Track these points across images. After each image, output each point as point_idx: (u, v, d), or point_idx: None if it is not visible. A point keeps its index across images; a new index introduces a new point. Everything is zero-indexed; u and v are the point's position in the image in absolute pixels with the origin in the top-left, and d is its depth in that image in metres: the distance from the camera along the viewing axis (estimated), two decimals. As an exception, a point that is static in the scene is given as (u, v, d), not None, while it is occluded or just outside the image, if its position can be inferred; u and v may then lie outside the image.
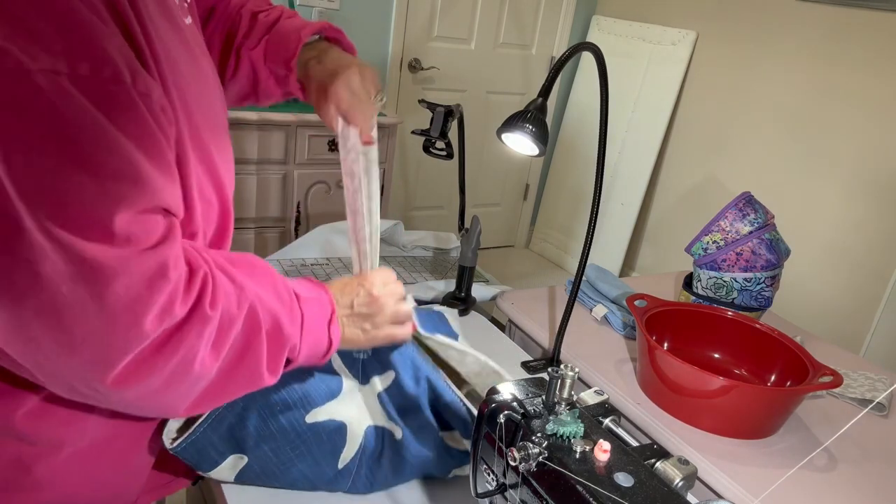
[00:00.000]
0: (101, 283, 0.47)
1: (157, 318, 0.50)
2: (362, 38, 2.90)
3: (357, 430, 0.75)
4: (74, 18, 0.44)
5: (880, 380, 1.17)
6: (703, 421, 0.97)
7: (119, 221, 0.47)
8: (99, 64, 0.45)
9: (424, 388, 0.77)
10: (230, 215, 0.69)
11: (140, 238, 0.49)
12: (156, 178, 0.50)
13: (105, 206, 0.46)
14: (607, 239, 3.35)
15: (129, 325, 0.49)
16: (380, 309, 0.74)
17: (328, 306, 0.70)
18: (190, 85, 0.58)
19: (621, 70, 3.22)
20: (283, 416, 0.72)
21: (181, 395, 0.57)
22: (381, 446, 0.76)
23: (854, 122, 2.47)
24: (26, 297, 0.45)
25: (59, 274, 0.45)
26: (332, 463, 0.74)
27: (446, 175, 3.39)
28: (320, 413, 0.74)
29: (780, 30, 2.69)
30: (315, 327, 0.67)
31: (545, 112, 0.95)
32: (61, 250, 0.45)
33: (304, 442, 0.73)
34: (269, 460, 0.73)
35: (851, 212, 2.50)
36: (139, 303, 0.49)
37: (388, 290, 0.75)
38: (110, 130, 0.46)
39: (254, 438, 0.72)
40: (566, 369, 0.63)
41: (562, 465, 0.56)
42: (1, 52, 0.42)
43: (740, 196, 1.27)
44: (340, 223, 1.45)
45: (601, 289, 1.31)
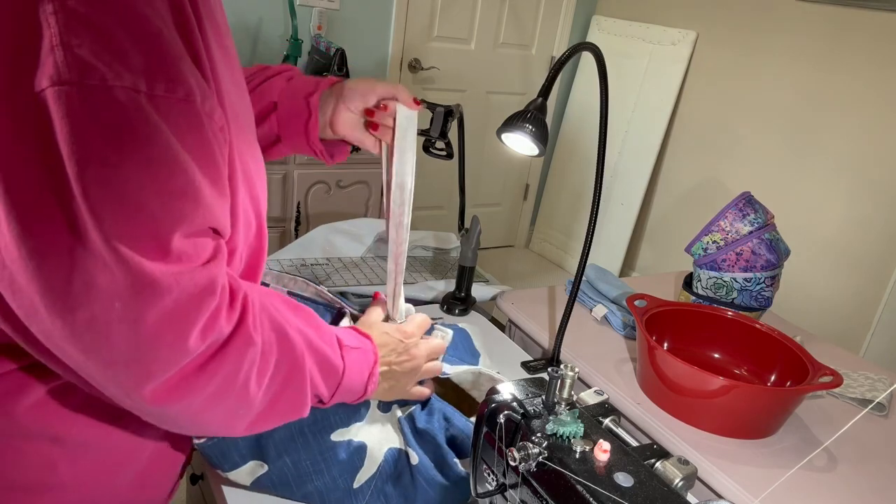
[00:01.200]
0: (152, 299, 0.47)
1: (201, 335, 0.51)
2: (362, 38, 2.90)
3: (377, 454, 0.76)
4: (158, 39, 0.46)
5: (880, 380, 1.17)
6: (703, 421, 0.97)
7: (176, 239, 0.48)
8: (174, 84, 0.47)
9: (439, 418, 0.79)
10: (265, 235, 0.69)
11: (191, 256, 0.50)
12: (212, 198, 0.51)
13: (166, 223, 0.47)
14: (607, 239, 3.35)
15: (174, 341, 0.49)
16: (415, 368, 0.77)
17: (371, 356, 0.71)
18: (234, 102, 0.59)
19: (621, 70, 3.22)
20: (310, 433, 0.74)
21: (221, 417, 0.57)
22: (398, 469, 0.77)
23: (854, 122, 2.47)
24: (80, 308, 0.46)
25: (115, 287, 0.46)
26: (348, 482, 0.75)
27: (446, 175, 3.39)
28: (346, 434, 0.75)
29: (780, 30, 2.69)
30: (354, 378, 0.69)
31: (545, 112, 0.95)
32: (121, 265, 0.46)
33: (325, 459, 0.74)
34: (289, 472, 0.73)
35: (851, 212, 2.50)
36: (186, 320, 0.49)
37: (429, 348, 0.79)
38: (179, 150, 0.47)
39: (278, 449, 0.73)
40: (566, 369, 0.63)
41: (562, 465, 0.56)
42: (88, 67, 0.43)
43: (740, 196, 1.27)
44: (340, 223, 1.45)
45: (601, 289, 1.31)
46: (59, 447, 0.59)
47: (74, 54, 0.43)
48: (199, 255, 0.50)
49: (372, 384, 0.71)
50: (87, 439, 0.60)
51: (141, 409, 0.53)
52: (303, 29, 2.70)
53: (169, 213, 0.48)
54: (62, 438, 0.59)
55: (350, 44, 2.78)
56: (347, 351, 0.68)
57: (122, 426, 0.62)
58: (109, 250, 0.45)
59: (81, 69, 0.43)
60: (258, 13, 2.64)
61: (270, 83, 0.85)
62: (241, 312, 0.55)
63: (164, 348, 0.49)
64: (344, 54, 2.49)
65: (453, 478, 0.76)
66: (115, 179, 0.45)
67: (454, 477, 0.76)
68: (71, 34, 0.43)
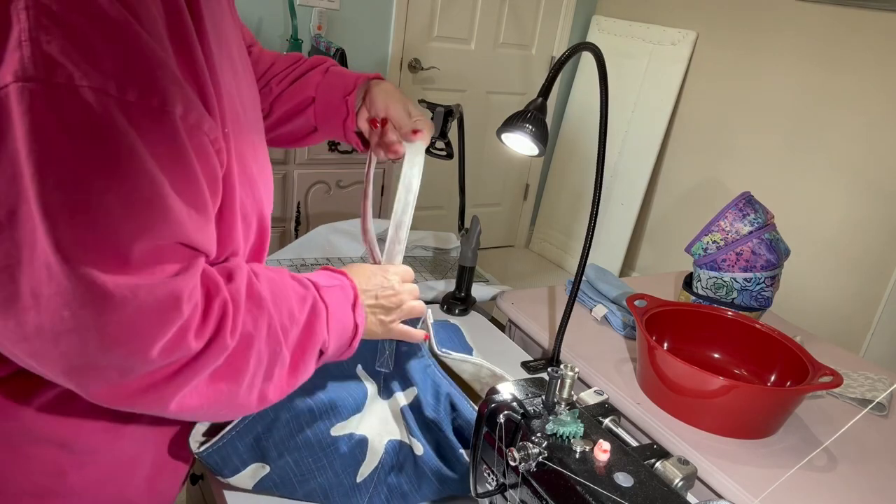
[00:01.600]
0: (104, 311, 0.45)
1: (166, 350, 0.49)
2: (362, 38, 2.90)
3: (378, 446, 0.76)
4: (136, 45, 0.44)
5: (880, 380, 1.17)
6: (703, 421, 0.97)
7: (136, 251, 0.46)
8: (148, 92, 0.45)
9: (445, 405, 0.78)
10: (267, 234, 0.69)
11: (153, 269, 0.47)
12: (184, 213, 0.49)
13: (125, 234, 0.45)
14: (607, 239, 3.35)
15: (131, 352, 0.48)
16: (399, 303, 0.75)
17: (350, 291, 0.70)
18: (236, 103, 0.58)
19: (621, 70, 3.22)
20: (310, 429, 0.73)
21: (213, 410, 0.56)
22: (401, 461, 0.76)
23: (854, 122, 2.47)
24: (27, 313, 0.44)
25: (63, 297, 0.44)
26: (351, 477, 0.74)
27: (446, 175, 3.38)
28: (345, 427, 0.75)
29: (780, 30, 2.69)
30: (340, 314, 0.67)
31: (545, 112, 0.95)
32: (71, 274, 0.44)
33: (327, 455, 0.73)
34: (291, 471, 0.73)
35: (851, 212, 2.50)
36: (144, 333, 0.48)
37: (408, 287, 0.77)
38: (146, 159, 0.45)
39: (279, 449, 0.72)
40: (566, 369, 0.63)
41: (562, 465, 0.56)
42: (55, 64, 0.41)
43: (740, 196, 1.27)
44: (340, 223, 1.45)
45: (601, 289, 1.31)
46: (67, 453, 0.59)
47: (42, 51, 0.41)
48: (163, 269, 0.48)
49: (359, 315, 0.69)
50: (94, 445, 0.60)
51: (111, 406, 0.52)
52: (303, 29, 2.70)
53: (130, 223, 0.45)
54: (70, 444, 0.59)
55: (350, 44, 2.78)
56: (325, 291, 0.67)
57: (129, 432, 0.62)
58: (60, 258, 0.43)
59: (48, 66, 0.41)
60: (258, 13, 2.64)
61: (307, 78, 0.86)
62: (219, 322, 0.53)
63: (119, 358, 0.47)
64: (344, 54, 2.49)
65: (458, 468, 0.76)
66: (74, 183, 0.43)
67: (459, 468, 0.75)
68: (41, 30, 0.41)
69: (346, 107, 0.84)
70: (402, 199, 0.80)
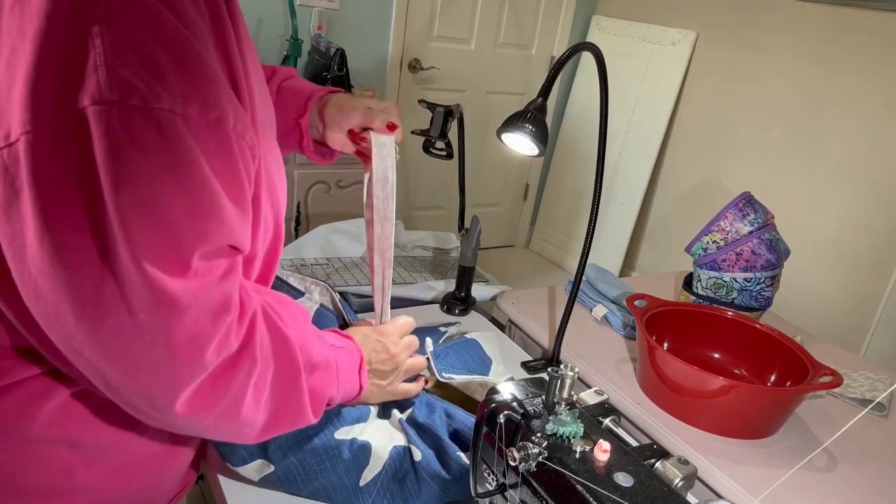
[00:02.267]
0: (173, 315, 0.49)
1: (217, 350, 0.52)
2: (362, 38, 2.90)
3: (382, 453, 0.77)
4: (196, 62, 0.48)
5: (880, 380, 1.17)
6: (703, 421, 0.97)
7: (197, 257, 0.49)
8: (207, 106, 0.48)
9: (440, 414, 0.80)
10: (282, 236, 0.71)
11: (208, 272, 0.51)
12: (234, 216, 0.52)
13: (189, 241, 0.49)
14: (607, 239, 3.35)
15: (194, 356, 0.51)
16: (396, 366, 0.79)
17: (356, 354, 0.74)
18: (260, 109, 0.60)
19: (621, 70, 3.22)
20: (315, 432, 0.75)
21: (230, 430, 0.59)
22: (403, 467, 0.77)
23: (854, 122, 2.47)
24: (108, 317, 0.47)
25: (140, 302, 0.47)
26: (353, 480, 0.75)
27: (446, 175, 3.39)
28: (349, 432, 0.77)
29: (780, 30, 2.69)
30: (348, 375, 0.71)
31: (545, 112, 0.95)
32: (145, 281, 0.47)
33: (330, 458, 0.75)
34: (294, 471, 0.74)
35: (851, 212, 2.50)
36: (204, 335, 0.51)
37: (405, 343, 0.81)
38: (207, 171, 0.49)
39: (283, 449, 0.74)
40: (566, 369, 0.63)
41: (562, 465, 0.56)
42: (129, 87, 0.45)
43: (740, 196, 1.27)
44: (341, 223, 1.45)
45: (601, 289, 1.31)
46: (76, 452, 0.59)
47: (117, 74, 0.44)
48: (215, 272, 0.51)
49: (364, 378, 0.73)
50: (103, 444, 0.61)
51: (160, 419, 0.54)
52: (303, 29, 2.70)
53: (194, 232, 0.49)
54: (80, 443, 0.59)
55: (350, 44, 2.78)
56: (335, 350, 0.70)
57: (138, 432, 0.63)
58: (135, 265, 0.46)
59: (123, 89, 0.44)
60: (258, 13, 2.64)
61: None
62: (249, 328, 0.56)
63: (183, 363, 0.50)
64: (344, 54, 2.49)
65: (457, 471, 0.76)
66: (147, 198, 0.46)
67: (458, 470, 0.76)
68: (115, 55, 0.44)
69: (299, 130, 0.85)
70: (380, 195, 0.81)
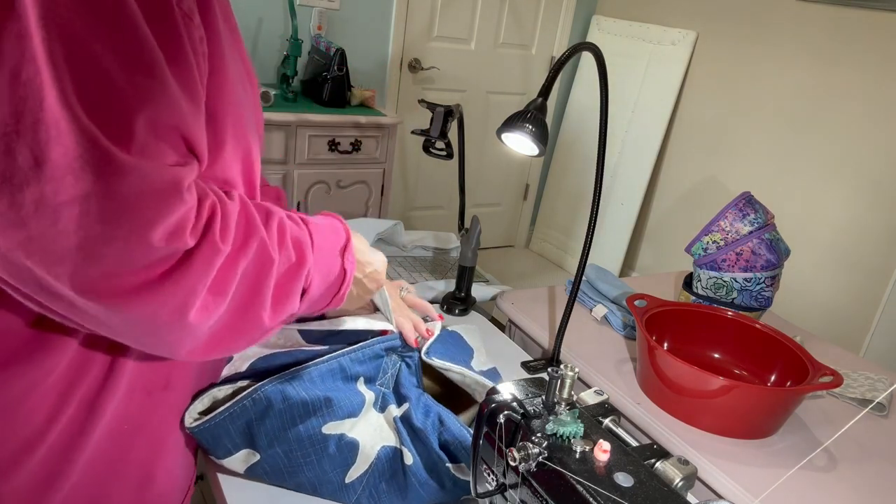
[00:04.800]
0: (112, 177, 0.43)
1: (167, 236, 0.47)
2: (362, 38, 2.90)
3: (370, 452, 0.76)
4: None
5: (880, 380, 1.17)
6: (703, 421, 0.97)
7: (139, 123, 0.45)
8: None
9: (434, 420, 0.79)
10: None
11: (155, 152, 0.46)
12: (180, 98, 0.48)
13: (129, 99, 0.44)
14: (607, 239, 3.35)
15: (134, 232, 0.45)
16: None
17: (342, 234, 0.68)
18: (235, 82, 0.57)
19: (621, 70, 3.22)
20: (302, 424, 0.74)
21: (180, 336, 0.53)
22: (392, 468, 0.77)
23: (854, 122, 2.47)
24: (28, 186, 0.42)
25: (68, 161, 0.42)
26: (339, 476, 0.75)
27: (446, 175, 3.39)
28: (338, 427, 0.75)
29: (780, 30, 2.69)
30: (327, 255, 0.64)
31: (545, 112, 0.95)
32: (78, 133, 0.42)
33: (317, 451, 0.74)
34: (280, 462, 0.74)
35: (851, 212, 2.50)
36: (148, 211, 0.45)
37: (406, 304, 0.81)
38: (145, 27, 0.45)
39: (269, 439, 0.73)
40: (566, 369, 0.62)
41: (562, 465, 0.56)
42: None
43: (740, 196, 1.27)
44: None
45: (601, 289, 1.31)
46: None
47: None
48: (164, 154, 0.47)
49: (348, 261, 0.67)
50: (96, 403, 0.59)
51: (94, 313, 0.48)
52: (303, 29, 2.70)
53: (132, 88, 0.44)
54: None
55: (350, 44, 2.78)
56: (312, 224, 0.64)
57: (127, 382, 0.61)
58: (67, 113, 0.42)
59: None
60: (258, 13, 2.64)
61: None
62: (207, 222, 0.51)
63: (120, 238, 0.45)
64: (344, 54, 2.49)
65: (447, 482, 0.76)
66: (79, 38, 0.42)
67: (447, 481, 0.76)
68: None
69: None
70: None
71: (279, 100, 2.47)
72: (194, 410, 0.72)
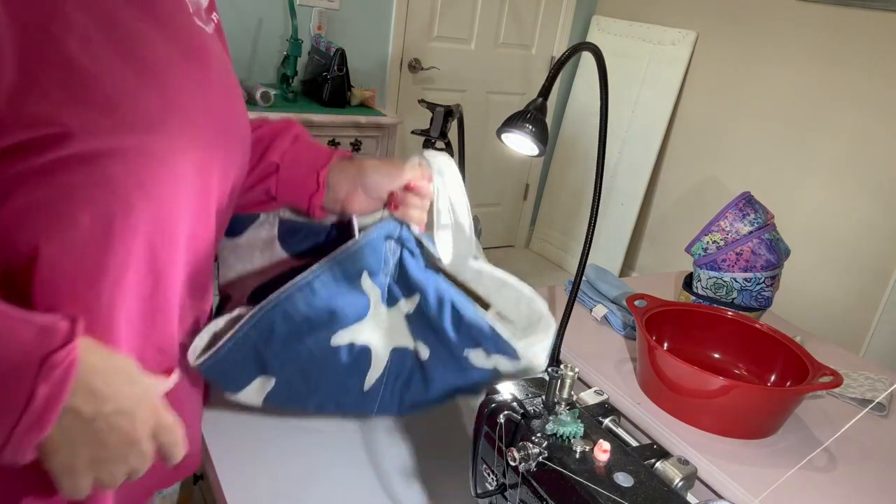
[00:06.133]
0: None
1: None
2: (362, 38, 2.90)
3: (382, 354, 0.74)
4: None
5: (880, 380, 1.17)
6: (703, 421, 0.97)
7: None
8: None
9: (448, 310, 0.74)
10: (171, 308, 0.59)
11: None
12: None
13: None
14: (607, 239, 3.35)
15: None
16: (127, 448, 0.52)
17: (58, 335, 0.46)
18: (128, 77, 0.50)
19: (621, 70, 3.22)
20: (309, 338, 0.70)
21: None
22: (408, 368, 0.75)
23: (854, 122, 2.47)
24: None
25: None
26: (357, 385, 0.73)
27: (446, 175, 3.38)
28: (345, 335, 0.72)
29: (780, 30, 2.69)
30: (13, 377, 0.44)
31: (545, 112, 0.95)
32: None
33: (330, 364, 0.71)
34: (296, 382, 0.71)
35: (851, 212, 2.50)
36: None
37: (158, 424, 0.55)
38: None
39: (280, 359, 0.70)
40: (566, 369, 0.63)
41: (562, 466, 0.56)
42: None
43: (740, 196, 1.27)
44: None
45: (601, 289, 1.31)
46: None
47: None
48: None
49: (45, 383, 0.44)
50: None
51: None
52: (303, 29, 2.70)
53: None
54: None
55: (350, 44, 2.78)
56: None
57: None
58: None
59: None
60: (258, 13, 2.64)
61: (274, 144, 0.79)
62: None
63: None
64: (344, 54, 2.49)
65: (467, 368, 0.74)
66: None
67: (467, 367, 0.74)
68: None
69: (317, 183, 0.77)
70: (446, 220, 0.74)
71: (279, 100, 2.48)
72: (196, 348, 0.68)
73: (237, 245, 0.84)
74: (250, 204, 0.81)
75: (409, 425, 0.91)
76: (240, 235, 0.83)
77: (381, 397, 0.74)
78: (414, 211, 0.76)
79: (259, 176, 0.78)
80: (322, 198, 0.78)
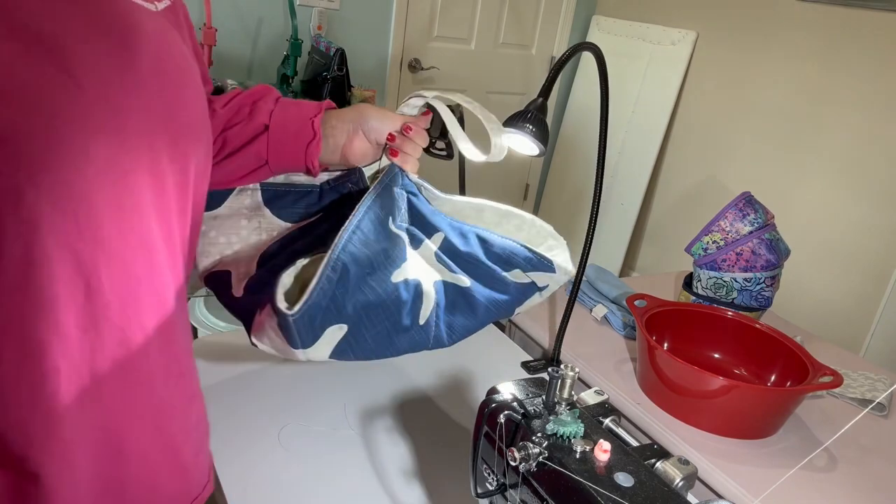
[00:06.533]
0: None
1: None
2: (362, 38, 2.90)
3: (429, 287, 0.75)
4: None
5: (880, 380, 1.17)
6: (703, 421, 0.97)
7: None
8: None
9: (475, 242, 0.77)
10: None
11: None
12: None
13: None
14: (607, 239, 3.35)
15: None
16: None
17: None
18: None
19: (621, 70, 3.22)
20: (372, 278, 0.70)
21: None
22: (451, 296, 0.77)
23: (854, 122, 2.47)
24: None
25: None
26: (414, 320, 0.74)
27: (446, 175, 3.38)
28: (399, 274, 0.73)
29: (780, 30, 2.69)
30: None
31: (545, 112, 0.95)
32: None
33: (395, 303, 0.72)
34: (363, 327, 0.70)
35: (852, 211, 2.50)
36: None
37: None
38: None
39: (353, 303, 0.69)
40: (566, 369, 0.63)
41: (562, 466, 0.56)
42: None
43: (740, 196, 1.27)
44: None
45: (601, 289, 1.31)
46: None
47: None
48: None
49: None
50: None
51: None
52: (303, 29, 2.70)
53: None
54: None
55: (350, 44, 2.78)
56: None
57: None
58: None
59: None
60: (258, 13, 2.64)
61: (257, 106, 0.77)
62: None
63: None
64: (344, 54, 2.49)
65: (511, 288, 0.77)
66: None
67: (511, 287, 0.77)
68: None
69: (312, 130, 0.74)
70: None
71: (279, 100, 2.47)
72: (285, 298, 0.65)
73: (217, 216, 0.81)
74: (239, 172, 0.78)
75: (409, 425, 0.92)
76: (219, 207, 0.81)
77: (435, 328, 0.75)
78: (410, 158, 0.78)
79: (246, 138, 0.76)
80: (319, 146, 0.75)
